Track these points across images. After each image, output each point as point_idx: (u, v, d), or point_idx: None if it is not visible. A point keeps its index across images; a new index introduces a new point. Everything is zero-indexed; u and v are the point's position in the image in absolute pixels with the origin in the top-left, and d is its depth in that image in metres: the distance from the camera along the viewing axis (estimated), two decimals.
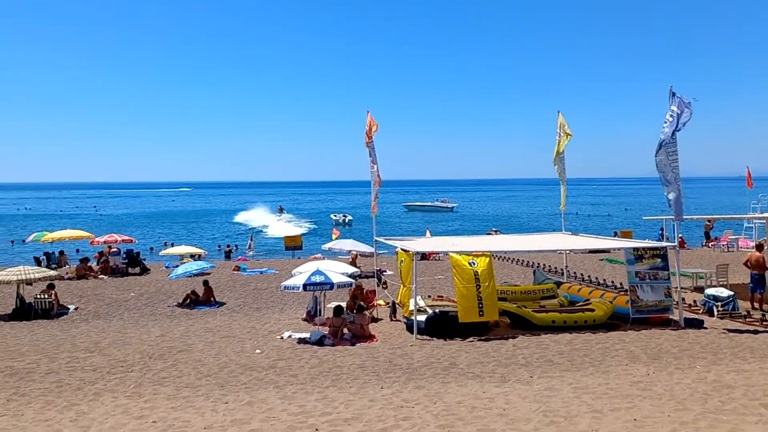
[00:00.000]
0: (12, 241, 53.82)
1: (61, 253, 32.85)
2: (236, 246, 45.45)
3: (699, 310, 18.22)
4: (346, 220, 74.79)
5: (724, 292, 18.08)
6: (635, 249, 16.72)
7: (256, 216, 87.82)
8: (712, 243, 37.76)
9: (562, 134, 20.76)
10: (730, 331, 15.66)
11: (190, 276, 25.71)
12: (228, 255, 39.75)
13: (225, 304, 21.54)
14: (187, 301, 21.27)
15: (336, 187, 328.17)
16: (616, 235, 36.86)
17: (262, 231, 64.05)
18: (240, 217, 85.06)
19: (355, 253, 29.76)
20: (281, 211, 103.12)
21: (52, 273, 21.06)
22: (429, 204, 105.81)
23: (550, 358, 13.11)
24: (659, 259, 16.51)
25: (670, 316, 16.51)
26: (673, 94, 15.92)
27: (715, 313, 17.58)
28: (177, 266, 28.91)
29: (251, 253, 41.39)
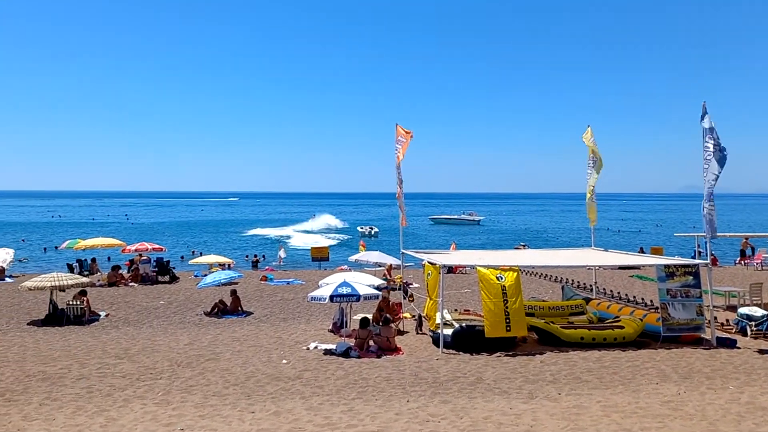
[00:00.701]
0: (45, 249, 54.97)
1: (93, 260, 33.42)
2: (263, 256, 45.77)
3: (732, 329, 17.85)
4: (373, 232, 75.14)
5: (758, 312, 17.70)
6: (666, 266, 16.45)
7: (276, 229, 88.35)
8: (746, 261, 36.99)
9: (590, 146, 20.82)
10: (764, 351, 15.30)
11: (219, 285, 25.88)
12: (255, 265, 40.02)
13: (252, 313, 21.65)
14: (215, 310, 21.40)
15: (363, 198, 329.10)
16: (642, 251, 36.32)
17: (286, 242, 64.41)
18: (261, 230, 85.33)
19: (389, 264, 29.68)
20: (314, 217, 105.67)
21: (85, 280, 21.39)
22: (455, 217, 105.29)
23: (578, 376, 12.94)
24: (691, 277, 16.23)
25: (702, 335, 16.21)
26: (706, 112, 15.72)
27: (749, 332, 17.20)
28: (205, 275, 29.18)
29: (281, 263, 41.63)
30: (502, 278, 15.62)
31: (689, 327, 16.04)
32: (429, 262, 17.98)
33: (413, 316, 19.58)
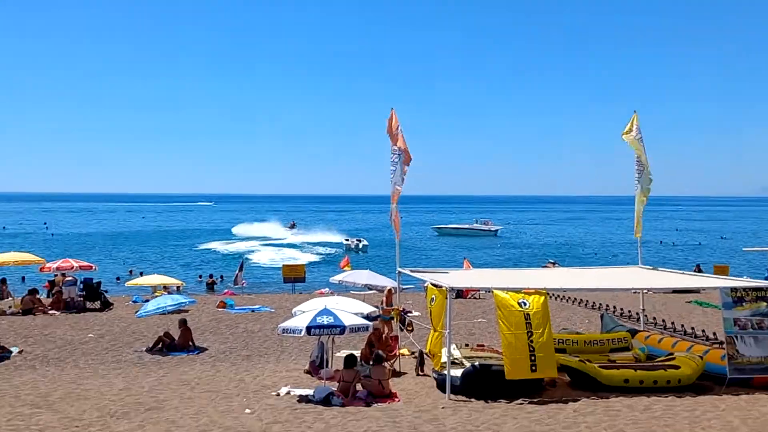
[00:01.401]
0: None
1: (3, 281, 33.18)
2: (221, 277, 45.61)
3: None
4: (360, 246, 75.07)
5: None
6: (733, 289, 16.45)
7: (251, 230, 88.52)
8: None
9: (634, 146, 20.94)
10: None
11: (164, 313, 25.81)
12: (211, 287, 40.22)
13: (207, 350, 21.49)
14: (159, 346, 21.23)
15: (349, 202, 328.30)
16: (698, 270, 36.39)
17: (247, 258, 63.79)
18: (219, 244, 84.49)
19: (389, 288, 29.50)
20: (293, 226, 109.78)
21: None
22: (466, 227, 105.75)
23: (621, 428, 12.89)
24: (765, 303, 16.23)
25: None
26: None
27: None
28: (147, 301, 29.08)
29: (243, 284, 41.48)
30: (525, 304, 15.47)
31: (763, 367, 15.98)
32: (433, 284, 17.74)
33: (412, 353, 19.50)
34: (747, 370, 15.93)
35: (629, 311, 28.13)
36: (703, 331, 23.27)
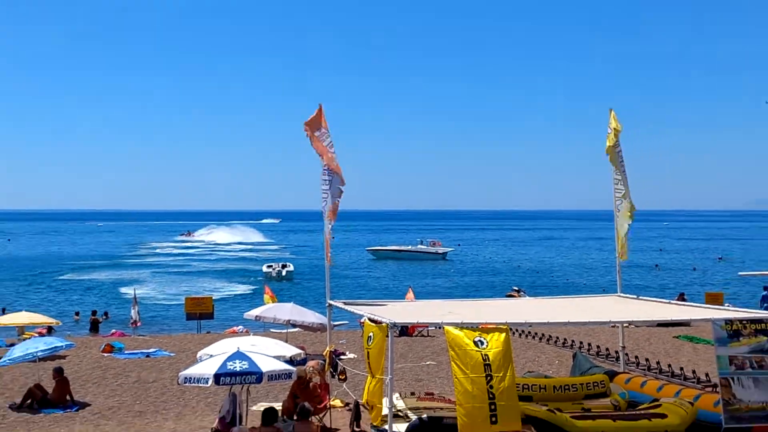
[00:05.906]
0: None
1: None
2: (105, 314, 44.78)
3: None
4: (284, 273, 74.54)
5: None
6: (728, 321, 16.61)
7: None
8: None
9: (611, 133, 21.15)
10: None
11: (34, 360, 25.06)
12: (95, 327, 39.45)
13: (89, 405, 21.17)
14: (29, 401, 20.86)
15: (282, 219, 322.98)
16: (682, 298, 36.93)
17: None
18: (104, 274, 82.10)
19: (327, 351, 29.04)
20: (189, 234, 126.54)
21: None
22: (408, 249, 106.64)
23: None
24: (766, 338, 16.41)
25: None
26: None
27: None
28: (13, 345, 28.27)
29: (136, 325, 41.12)
30: (483, 343, 15.26)
31: (764, 414, 15.90)
32: (370, 320, 17.82)
33: (346, 405, 19.43)
34: (745, 418, 15.89)
35: (607, 349, 28.55)
36: (694, 372, 23.58)
